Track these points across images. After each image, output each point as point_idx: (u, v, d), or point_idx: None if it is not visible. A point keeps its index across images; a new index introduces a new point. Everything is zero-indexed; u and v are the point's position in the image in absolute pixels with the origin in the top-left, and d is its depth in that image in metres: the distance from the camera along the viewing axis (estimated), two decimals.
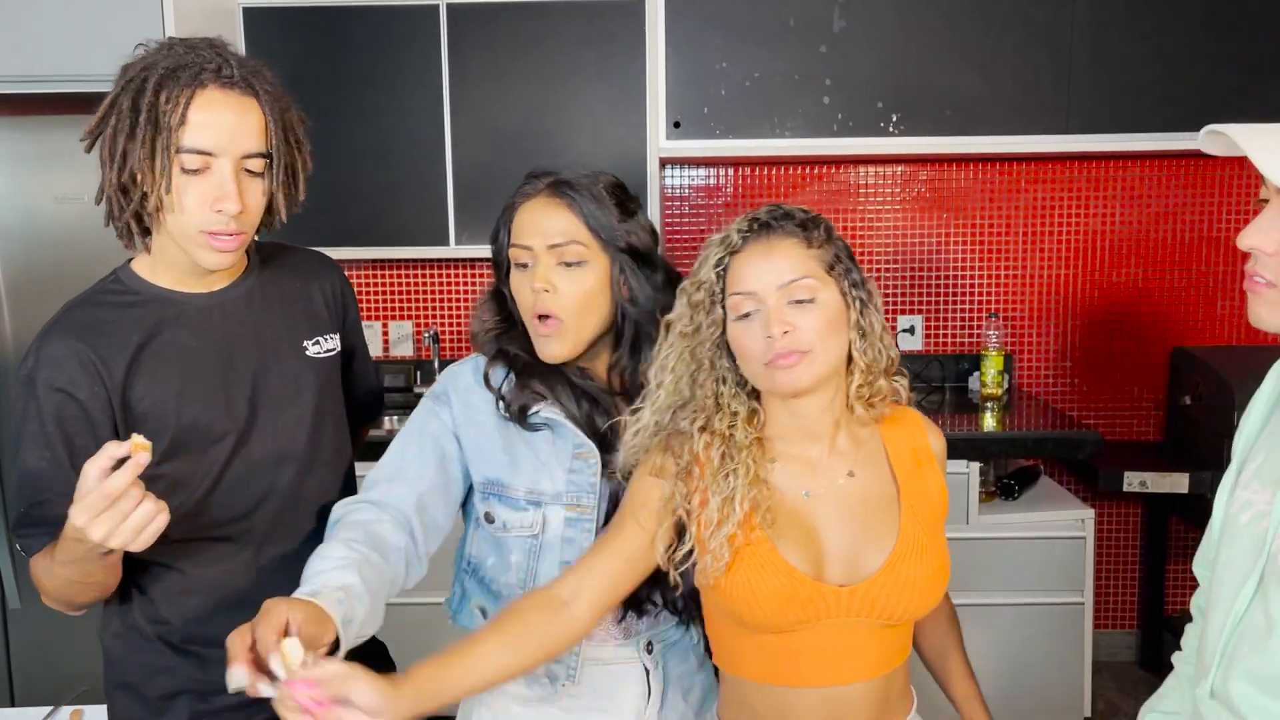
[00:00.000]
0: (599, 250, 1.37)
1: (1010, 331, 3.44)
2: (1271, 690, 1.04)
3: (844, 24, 2.95)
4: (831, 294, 1.26)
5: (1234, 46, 2.88)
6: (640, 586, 1.33)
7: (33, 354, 1.30)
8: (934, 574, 1.29)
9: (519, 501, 1.42)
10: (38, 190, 2.68)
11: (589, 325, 1.38)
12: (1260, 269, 1.02)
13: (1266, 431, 1.15)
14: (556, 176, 1.40)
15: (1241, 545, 1.11)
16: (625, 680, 1.46)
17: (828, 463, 1.31)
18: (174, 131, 1.24)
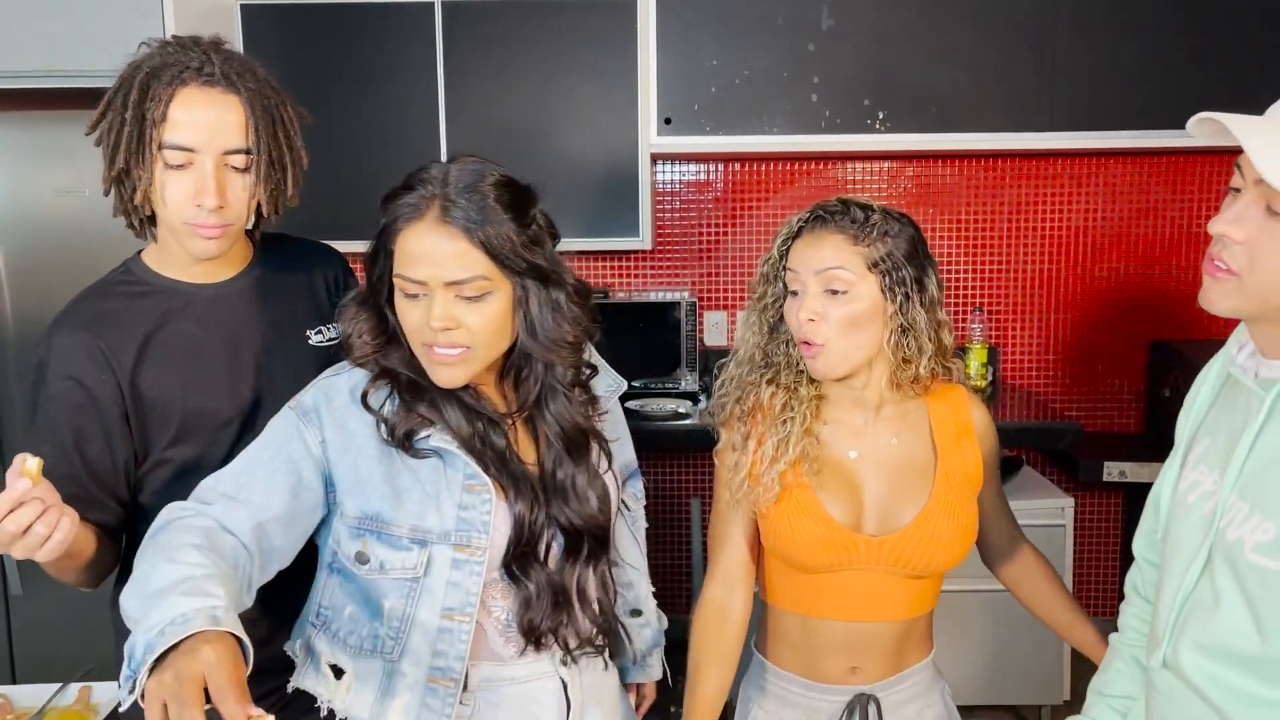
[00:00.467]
0: (502, 277, 1.24)
1: (995, 325, 3.50)
2: (1219, 658, 1.11)
3: (832, 23, 3.01)
4: (868, 289, 1.38)
5: (1212, 46, 2.94)
6: (543, 620, 1.31)
7: (45, 344, 1.36)
8: (960, 533, 1.44)
9: (401, 540, 1.27)
10: (38, 184, 2.71)
11: (496, 349, 1.28)
12: (1225, 255, 1.08)
13: (1211, 416, 1.22)
14: (444, 194, 1.22)
15: (1190, 524, 1.17)
16: (541, 697, 1.38)
17: (874, 429, 1.46)
18: (156, 128, 1.29)
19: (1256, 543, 1.07)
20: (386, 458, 1.27)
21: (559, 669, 1.38)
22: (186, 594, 1.03)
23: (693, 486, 3.61)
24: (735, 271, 3.52)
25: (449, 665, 1.27)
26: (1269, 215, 1.03)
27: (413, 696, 1.28)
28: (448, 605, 1.27)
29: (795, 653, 1.51)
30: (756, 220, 3.49)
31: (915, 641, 1.52)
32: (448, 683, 1.27)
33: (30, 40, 2.64)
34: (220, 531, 1.19)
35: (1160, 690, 1.19)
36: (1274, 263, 1.04)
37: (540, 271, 1.26)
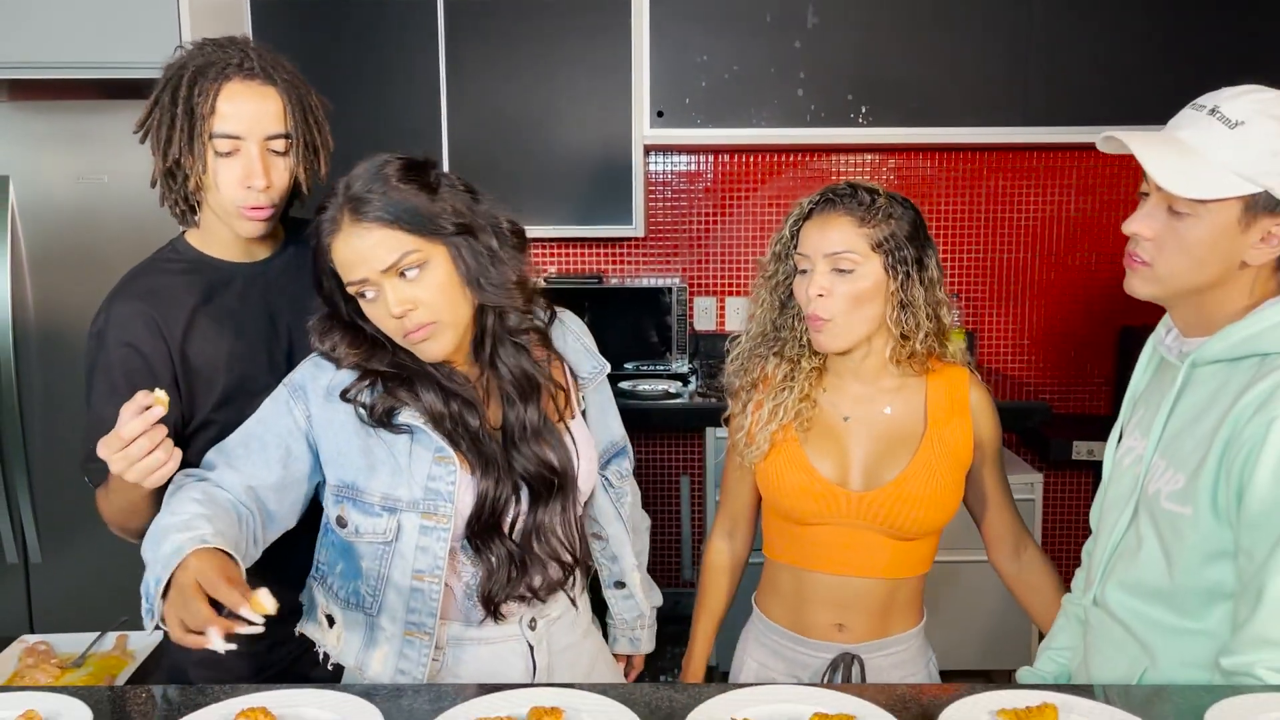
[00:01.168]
0: (430, 245, 1.32)
1: (972, 311, 3.66)
2: (1138, 594, 1.28)
3: (817, 20, 3.15)
4: (873, 267, 1.50)
5: (1180, 45, 3.08)
6: (501, 591, 1.40)
7: (103, 314, 1.50)
8: (937, 496, 1.55)
9: (373, 507, 1.38)
10: (59, 170, 2.81)
11: (461, 313, 1.36)
12: (1139, 250, 1.25)
13: (1145, 391, 1.39)
14: (347, 198, 1.31)
15: (1123, 484, 1.34)
16: (509, 657, 1.46)
17: (870, 397, 1.59)
18: (206, 120, 1.44)
19: (1170, 492, 1.23)
20: (364, 432, 1.38)
21: (525, 633, 1.47)
22: (180, 531, 1.20)
23: (682, 465, 3.76)
24: (725, 258, 3.66)
25: (422, 621, 1.39)
26: (1171, 215, 1.21)
27: (391, 648, 1.40)
28: (418, 568, 1.38)
29: (786, 607, 1.64)
30: (745, 210, 3.64)
31: (901, 607, 1.62)
32: (423, 636, 1.39)
33: (50, 33, 2.74)
34: (218, 489, 1.33)
35: (1093, 626, 1.36)
36: (1177, 254, 1.21)
37: (463, 226, 1.33)
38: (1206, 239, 1.20)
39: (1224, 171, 1.17)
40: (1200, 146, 1.19)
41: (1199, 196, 1.18)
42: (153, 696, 1.15)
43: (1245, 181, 1.17)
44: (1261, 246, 1.20)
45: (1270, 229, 1.19)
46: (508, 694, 1.11)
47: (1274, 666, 1.13)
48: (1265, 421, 1.13)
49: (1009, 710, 1.04)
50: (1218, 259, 1.21)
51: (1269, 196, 1.17)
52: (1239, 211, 1.18)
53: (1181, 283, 1.24)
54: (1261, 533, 1.14)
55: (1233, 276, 1.22)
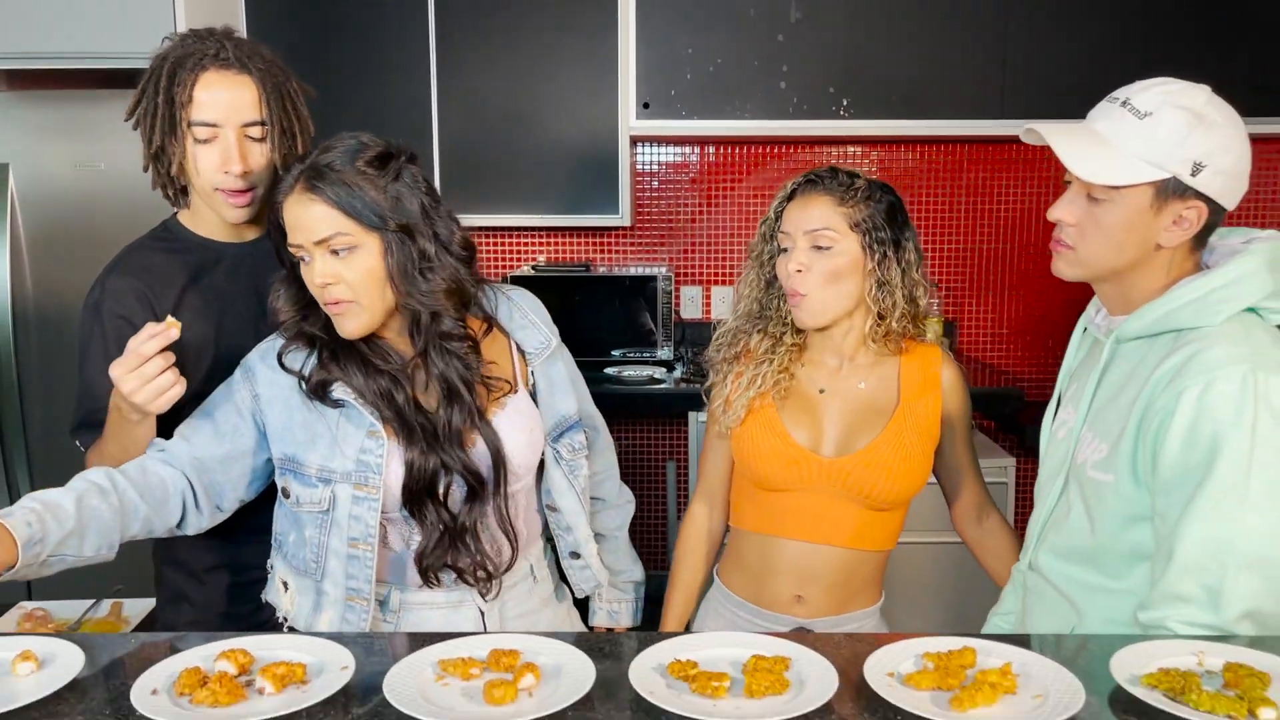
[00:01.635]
0: (365, 233, 1.38)
1: (952, 301, 3.74)
2: (1066, 557, 1.36)
3: (799, 15, 3.22)
4: (850, 245, 1.58)
5: (1157, 39, 3.16)
6: (434, 558, 1.46)
7: (98, 287, 1.58)
8: (907, 466, 1.62)
9: (311, 479, 1.46)
10: (57, 158, 2.88)
11: (380, 301, 1.41)
12: (1063, 235, 1.33)
13: (1078, 367, 1.47)
14: (307, 166, 1.38)
15: (1057, 455, 1.42)
16: (462, 623, 1.52)
17: (846, 371, 1.66)
18: (185, 109, 1.52)
19: (1095, 461, 1.32)
20: (306, 408, 1.46)
21: (477, 600, 1.53)
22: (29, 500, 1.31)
23: (668, 450, 3.84)
24: (710, 248, 3.74)
25: (359, 587, 1.47)
26: (1090, 201, 1.29)
27: (335, 611, 1.48)
28: (352, 535, 1.45)
29: (749, 577, 1.70)
30: (730, 200, 3.71)
31: (861, 584, 1.69)
32: (361, 601, 1.47)
33: (49, 24, 2.82)
34: (158, 467, 1.44)
35: (1030, 589, 1.45)
36: (1097, 237, 1.30)
37: (403, 226, 1.39)
38: (1122, 223, 1.28)
39: (1134, 159, 1.25)
40: (1113, 137, 1.27)
41: (1111, 183, 1.26)
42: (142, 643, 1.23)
43: (1154, 168, 1.25)
44: (1173, 229, 1.28)
45: (1181, 212, 1.27)
46: (469, 639, 1.19)
47: (1184, 619, 1.21)
48: (1176, 393, 1.21)
49: (933, 653, 1.12)
50: (1134, 241, 1.29)
51: (1177, 182, 1.25)
52: (1150, 196, 1.26)
53: (1102, 265, 1.32)
54: (1173, 497, 1.22)
55: (1149, 258, 1.30)
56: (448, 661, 1.13)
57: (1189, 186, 1.26)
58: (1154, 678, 1.06)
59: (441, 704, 1.06)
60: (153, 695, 1.07)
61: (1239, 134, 1.29)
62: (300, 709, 1.05)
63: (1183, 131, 1.24)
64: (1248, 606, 1.20)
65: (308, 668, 1.12)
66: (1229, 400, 1.19)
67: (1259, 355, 1.22)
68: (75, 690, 1.11)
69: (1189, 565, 1.21)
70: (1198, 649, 1.14)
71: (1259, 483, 1.19)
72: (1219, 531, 1.19)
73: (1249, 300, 1.27)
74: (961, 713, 1.02)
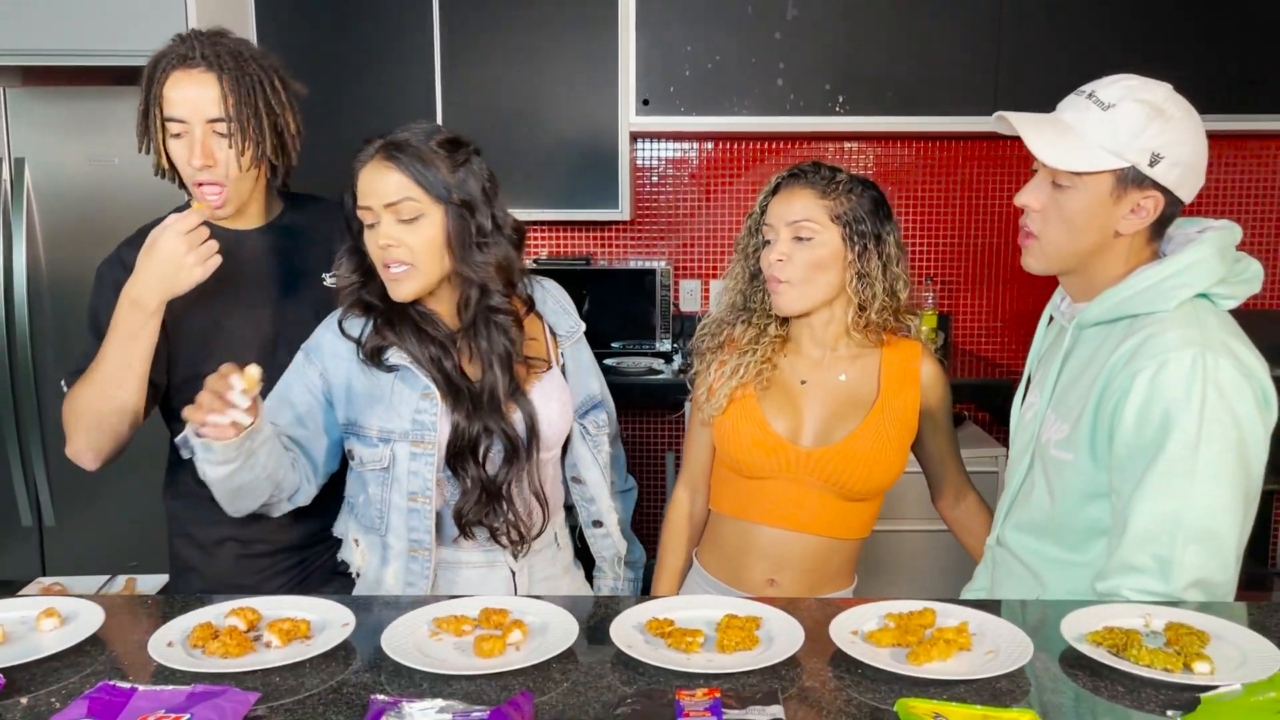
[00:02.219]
0: (431, 203, 1.52)
1: (948, 294, 3.80)
2: (1030, 532, 1.44)
3: (796, 12, 3.28)
4: (831, 237, 1.64)
5: (1149, 37, 3.21)
6: (471, 512, 1.58)
7: (116, 259, 1.68)
8: (883, 457, 1.67)
9: (371, 439, 1.59)
10: (72, 152, 2.95)
11: (436, 267, 1.55)
12: (1028, 222, 1.40)
13: (1045, 352, 1.54)
14: (387, 139, 1.54)
15: (1024, 436, 1.50)
16: (492, 581, 1.66)
17: (827, 363, 1.71)
18: (159, 106, 1.62)
19: (1056, 440, 1.39)
20: (365, 374, 1.60)
21: (509, 561, 1.66)
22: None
23: (667, 442, 3.92)
24: (709, 242, 3.81)
25: (421, 538, 1.60)
26: (1054, 188, 1.36)
27: (400, 564, 1.61)
28: (411, 490, 1.58)
29: (725, 558, 1.77)
30: (728, 195, 3.78)
31: (834, 571, 1.75)
32: (423, 552, 1.60)
33: (64, 22, 2.89)
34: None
35: (998, 563, 1.52)
36: (1059, 223, 1.37)
37: (464, 202, 1.54)
38: (1083, 209, 1.35)
39: (1096, 148, 1.32)
40: (1078, 126, 1.34)
41: (1073, 169, 1.33)
42: (159, 603, 1.32)
43: (1114, 157, 1.32)
44: (1131, 217, 1.35)
45: (1139, 201, 1.34)
46: (461, 600, 1.27)
47: (1137, 587, 1.28)
48: (1131, 374, 1.29)
49: (895, 614, 1.20)
50: (1094, 228, 1.36)
51: (1136, 171, 1.32)
52: (1111, 184, 1.34)
53: (1064, 252, 1.39)
54: (1127, 473, 1.30)
55: (1109, 245, 1.37)
56: (441, 619, 1.21)
57: (1147, 176, 1.33)
58: (1098, 635, 1.14)
59: (435, 656, 1.14)
60: (168, 647, 1.15)
61: (1196, 129, 1.36)
62: (304, 659, 1.13)
63: (1142, 123, 1.31)
64: (1195, 576, 1.27)
65: (311, 624, 1.20)
66: (1180, 381, 1.26)
67: (1209, 339, 1.29)
68: (96, 644, 1.19)
69: (1141, 537, 1.28)
70: (1145, 612, 1.21)
71: (1206, 460, 1.26)
72: (1169, 506, 1.26)
73: (1200, 286, 1.34)
74: (917, 665, 1.10)
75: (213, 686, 1.05)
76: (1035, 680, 1.11)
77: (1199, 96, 1.40)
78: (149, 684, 1.07)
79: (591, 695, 1.07)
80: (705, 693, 1.03)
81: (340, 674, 1.12)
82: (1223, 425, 1.26)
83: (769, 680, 1.10)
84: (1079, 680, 1.10)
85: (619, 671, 1.12)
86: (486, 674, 1.10)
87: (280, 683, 1.10)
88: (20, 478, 3.04)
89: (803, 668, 1.13)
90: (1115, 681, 1.09)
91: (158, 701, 1.01)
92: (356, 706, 1.05)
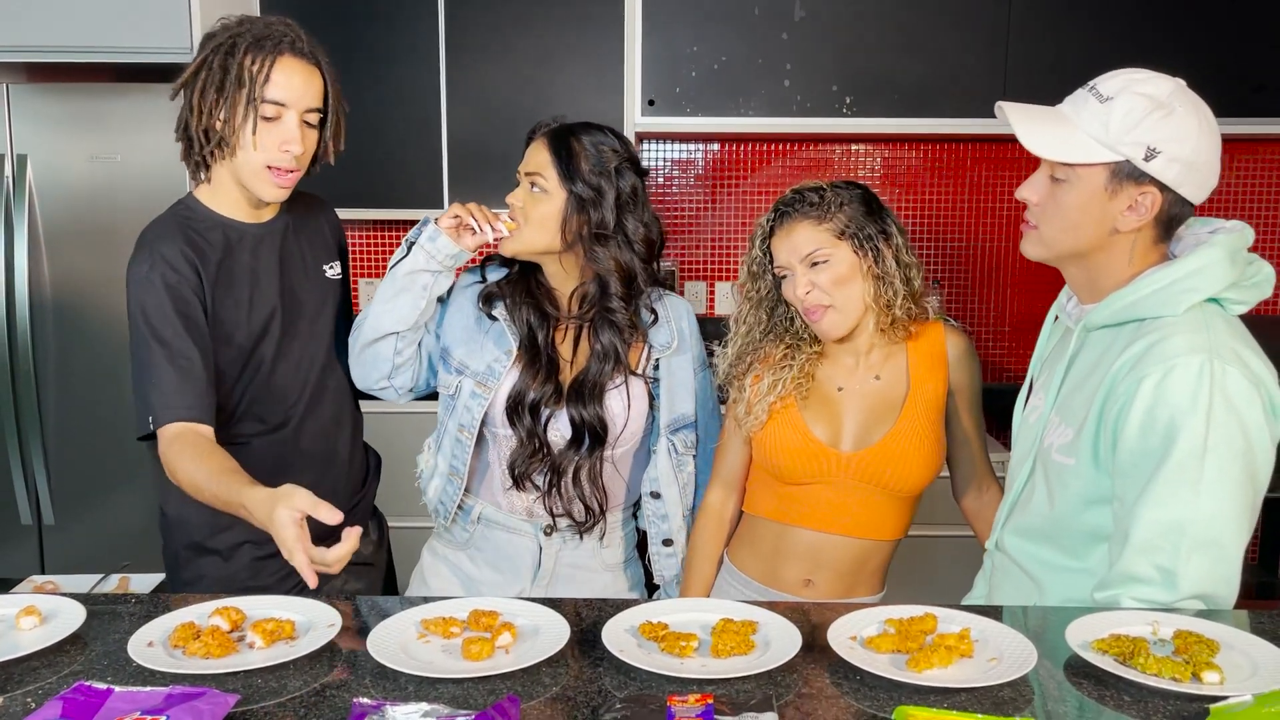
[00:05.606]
0: (557, 186, 1.66)
1: (955, 297, 3.77)
2: (1029, 537, 1.41)
3: (803, 14, 3.26)
4: (843, 253, 1.65)
5: (1160, 38, 3.19)
6: (522, 462, 1.70)
7: (155, 257, 1.59)
8: (921, 451, 1.67)
9: (451, 367, 1.75)
10: (74, 150, 2.95)
11: (535, 239, 1.68)
12: (1029, 214, 1.37)
13: (1050, 354, 1.51)
14: (562, 125, 1.71)
15: (1026, 439, 1.47)
16: (519, 549, 1.77)
17: (861, 369, 1.72)
18: (259, 86, 1.59)
19: (1059, 445, 1.36)
20: (474, 315, 1.76)
21: (540, 536, 1.76)
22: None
23: None
24: (715, 244, 3.78)
25: (457, 466, 1.75)
26: (1052, 181, 1.33)
27: (440, 480, 1.79)
28: (461, 422, 1.74)
29: (760, 558, 1.76)
30: (734, 197, 3.75)
31: (869, 574, 1.75)
32: (457, 478, 1.76)
33: (67, 18, 2.89)
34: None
35: (997, 568, 1.49)
36: (1056, 216, 1.34)
37: (591, 198, 1.66)
38: (1079, 203, 1.32)
39: (1089, 140, 1.29)
40: (1073, 118, 1.31)
41: (1063, 160, 1.30)
42: (142, 602, 1.29)
43: (1106, 149, 1.29)
44: (1129, 214, 1.32)
45: (1135, 197, 1.31)
46: (451, 601, 1.24)
47: (1137, 597, 1.25)
48: (1136, 380, 1.25)
49: (895, 619, 1.17)
50: (1090, 223, 1.33)
51: (1131, 165, 1.29)
52: (1105, 178, 1.30)
53: (1062, 245, 1.36)
54: (1130, 480, 1.26)
55: (1109, 243, 1.34)
56: (429, 620, 1.18)
57: (1143, 171, 1.29)
58: (1105, 643, 1.10)
59: (421, 658, 1.11)
60: (149, 647, 1.12)
61: (1202, 126, 1.31)
62: (287, 660, 1.10)
63: (1138, 116, 1.28)
64: (1198, 588, 1.24)
65: (296, 624, 1.18)
66: (1186, 388, 1.23)
67: (1217, 345, 1.25)
68: (76, 643, 1.17)
69: (1144, 546, 1.24)
70: (1153, 619, 1.18)
71: (1212, 468, 1.22)
72: (1173, 514, 1.23)
73: (1210, 290, 1.30)
74: (917, 672, 1.07)
75: (191, 688, 1.02)
76: (1039, 689, 1.07)
77: (1209, 99, 1.37)
78: (127, 685, 1.04)
79: (581, 700, 1.05)
80: (698, 698, 1.00)
81: (324, 676, 1.09)
82: (1230, 433, 1.23)
83: (764, 686, 1.07)
84: (1084, 689, 1.07)
85: (610, 676, 1.09)
86: (474, 677, 1.08)
87: (262, 685, 1.07)
88: (20, 477, 3.03)
89: (799, 674, 1.10)
90: (1121, 691, 1.06)
91: (134, 703, 0.99)
92: (339, 709, 1.02)
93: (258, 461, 1.69)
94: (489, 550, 1.79)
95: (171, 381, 1.55)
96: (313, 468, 1.75)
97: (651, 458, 1.79)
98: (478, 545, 1.80)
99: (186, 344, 1.57)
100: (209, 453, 1.49)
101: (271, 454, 1.71)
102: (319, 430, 1.77)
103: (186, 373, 1.56)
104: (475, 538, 1.80)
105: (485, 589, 1.77)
